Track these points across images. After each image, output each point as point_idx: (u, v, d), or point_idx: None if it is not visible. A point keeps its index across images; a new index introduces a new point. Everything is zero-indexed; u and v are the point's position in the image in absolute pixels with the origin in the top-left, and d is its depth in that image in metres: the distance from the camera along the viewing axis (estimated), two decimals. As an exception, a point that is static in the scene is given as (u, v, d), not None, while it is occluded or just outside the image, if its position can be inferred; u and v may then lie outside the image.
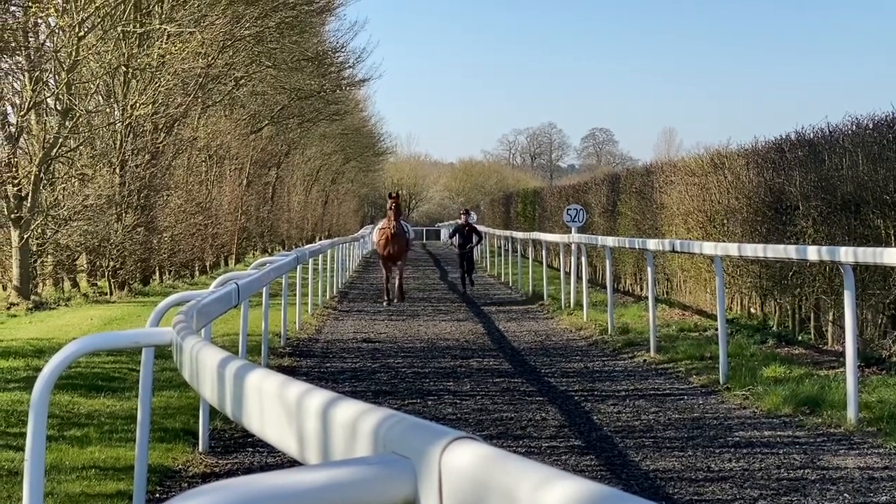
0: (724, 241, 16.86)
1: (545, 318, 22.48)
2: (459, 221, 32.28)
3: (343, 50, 53.60)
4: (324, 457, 2.01)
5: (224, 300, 7.22)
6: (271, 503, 1.61)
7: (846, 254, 10.78)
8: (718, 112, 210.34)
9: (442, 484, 1.60)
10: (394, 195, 26.77)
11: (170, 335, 4.48)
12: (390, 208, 26.30)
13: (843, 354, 11.97)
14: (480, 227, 51.83)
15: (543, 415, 11.33)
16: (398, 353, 16.65)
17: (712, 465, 8.93)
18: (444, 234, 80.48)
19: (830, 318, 16.08)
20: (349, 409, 1.96)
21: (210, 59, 33.79)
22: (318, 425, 2.05)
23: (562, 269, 26.97)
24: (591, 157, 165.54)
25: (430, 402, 11.93)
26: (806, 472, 8.65)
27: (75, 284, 30.43)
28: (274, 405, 2.36)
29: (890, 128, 15.01)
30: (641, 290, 25.90)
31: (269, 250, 50.34)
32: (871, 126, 15.57)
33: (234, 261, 44.08)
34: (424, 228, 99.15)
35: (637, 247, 18.88)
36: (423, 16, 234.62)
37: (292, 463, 7.31)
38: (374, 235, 28.25)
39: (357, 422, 1.88)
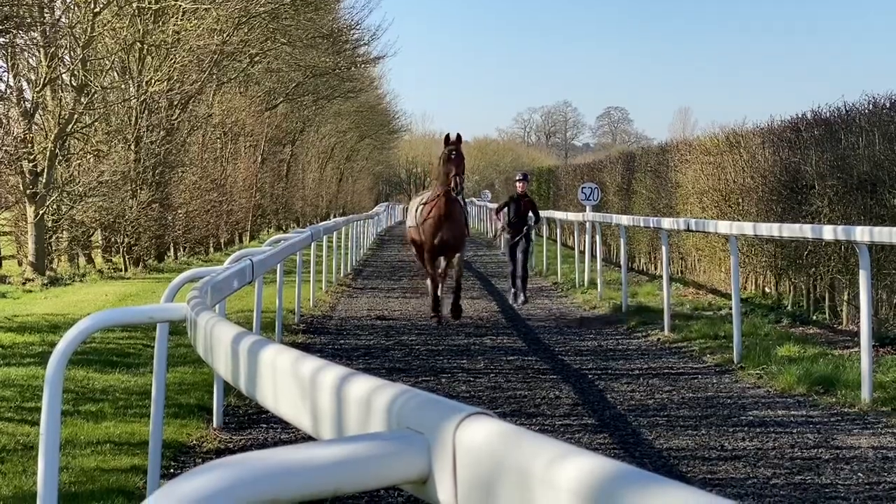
0: (739, 221, 16.81)
1: (559, 297, 22.46)
2: (517, 191, 20.85)
3: (358, 27, 53.52)
4: (338, 432, 2.01)
5: (238, 276, 7.22)
6: (289, 476, 1.61)
7: (862, 233, 10.75)
8: (734, 91, 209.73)
9: (456, 459, 1.60)
10: (453, 140, 17.18)
11: (184, 311, 4.48)
12: (447, 160, 16.76)
13: (857, 334, 11.94)
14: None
15: (557, 393, 11.33)
16: (412, 330, 16.66)
17: (726, 444, 8.92)
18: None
19: (845, 297, 16.05)
20: (363, 385, 1.96)
21: (225, 35, 33.78)
22: (332, 401, 2.05)
23: (576, 248, 26.90)
24: (607, 135, 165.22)
25: (443, 380, 11.93)
26: (819, 451, 8.63)
27: (90, 260, 30.47)
28: (288, 381, 2.36)
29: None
30: (656, 269, 25.88)
31: (284, 227, 50.37)
32: (888, 105, 15.51)
33: (248, 238, 44.09)
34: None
35: (652, 225, 18.83)
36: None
37: (305, 439, 7.32)
38: (414, 214, 17.80)
39: (371, 397, 1.88)
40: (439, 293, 17.36)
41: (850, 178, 15.52)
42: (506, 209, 20.62)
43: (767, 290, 19.74)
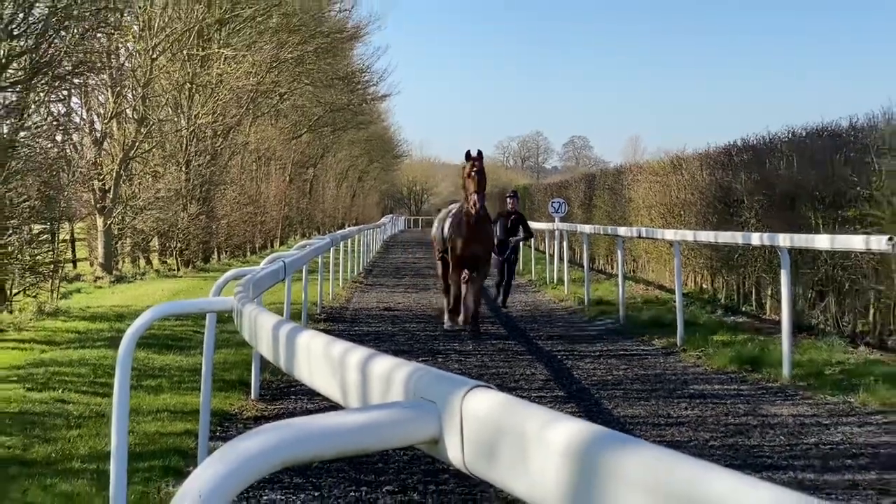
0: (681, 229, 16.83)
1: (533, 292, 22.46)
2: (508, 208, 18.66)
3: (368, 70, 53.53)
4: (363, 402, 2.01)
5: (274, 275, 7.22)
6: (325, 438, 1.62)
7: (784, 240, 10.76)
8: (678, 121, 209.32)
9: (463, 424, 1.60)
10: (474, 157, 13.70)
11: (230, 303, 4.48)
12: (469, 175, 13.57)
13: (779, 322, 11.94)
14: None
15: (532, 370, 11.32)
16: (413, 319, 16.64)
17: (671, 413, 8.91)
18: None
19: (769, 292, 16.06)
20: (384, 363, 1.96)
21: (259, 77, 33.78)
22: (358, 376, 2.05)
23: (547, 252, 26.90)
24: (571, 159, 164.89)
25: (439, 360, 11.92)
26: (749, 418, 8.63)
27: (149, 262, 30.45)
28: (320, 360, 2.36)
29: (820, 136, 14.98)
30: (612, 268, 25.85)
31: (308, 235, 50.32)
32: (804, 134, 15.54)
33: (278, 243, 44.09)
34: (434, 218, 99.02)
35: (610, 233, 18.82)
36: (436, 44, 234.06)
37: (330, 408, 7.32)
38: (442, 226, 14.77)
39: (391, 373, 1.88)
40: (460, 302, 14.23)
41: (773, 195, 15.53)
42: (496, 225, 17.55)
43: (705, 286, 19.75)
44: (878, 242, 9.16)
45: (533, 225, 28.82)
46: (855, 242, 9.92)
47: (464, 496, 6.27)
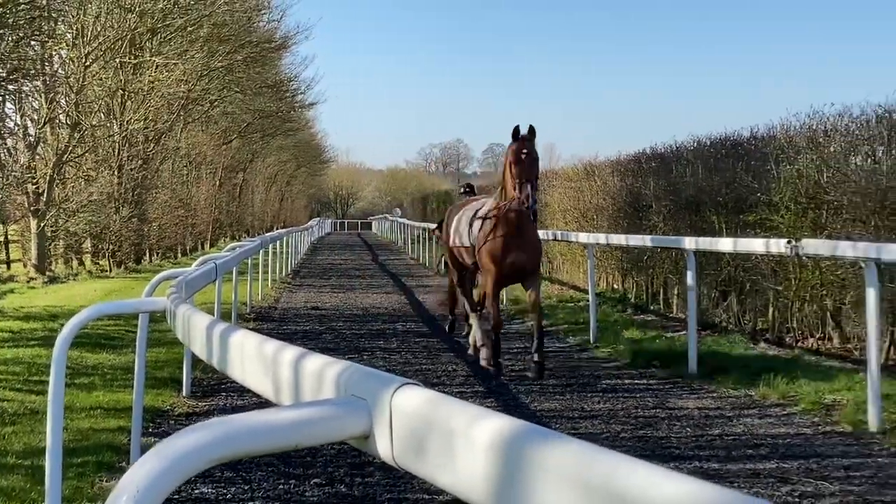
0: (594, 233, 16.98)
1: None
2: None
3: (296, 79, 53.14)
4: (295, 399, 2.00)
5: (206, 276, 7.14)
6: (259, 434, 1.60)
7: (689, 242, 10.91)
8: (590, 129, 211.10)
9: (392, 420, 1.60)
10: (524, 135, 10.11)
11: (164, 303, 4.43)
12: (517, 160, 9.94)
13: (685, 320, 12.11)
14: (409, 221, 51.34)
15: (454, 367, 11.32)
16: (340, 318, 16.56)
17: (585, 406, 8.98)
18: (375, 226, 79.37)
19: (675, 292, 16.27)
20: (316, 361, 1.95)
21: (190, 85, 33.40)
22: (291, 374, 2.03)
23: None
24: (490, 165, 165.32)
25: (365, 357, 11.88)
26: (657, 411, 8.73)
27: (81, 263, 29.94)
28: (253, 359, 2.34)
29: (723, 144, 15.21)
30: (529, 270, 25.96)
31: (237, 237, 49.87)
32: (708, 143, 15.77)
33: (209, 245, 43.62)
34: (359, 221, 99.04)
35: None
36: (361, 53, 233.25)
37: (260, 404, 7.24)
38: (465, 229, 11.23)
39: (323, 371, 1.87)
40: (487, 335, 10.83)
41: (679, 200, 15.74)
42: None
43: (616, 286, 19.94)
44: (778, 245, 9.34)
45: (454, 228, 28.83)
46: (756, 245, 10.09)
47: (389, 488, 6.26)
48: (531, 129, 10.02)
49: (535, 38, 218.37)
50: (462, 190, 15.48)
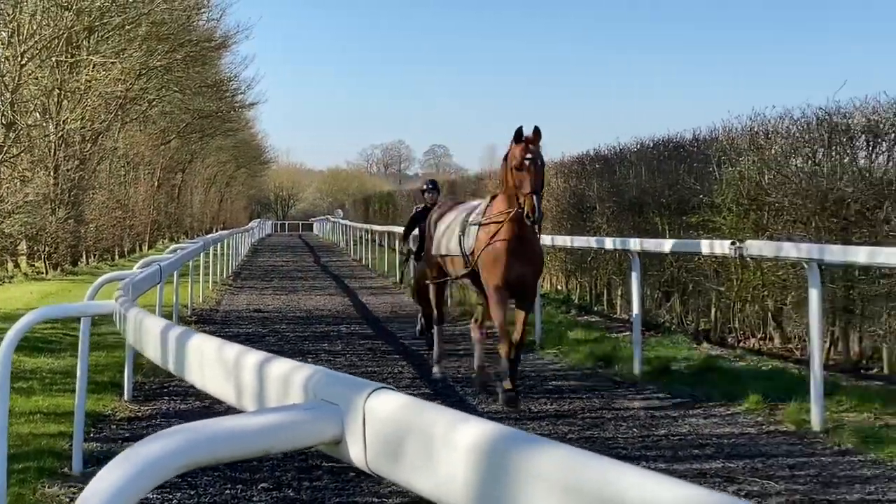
0: (539, 234, 16.99)
1: (399, 294, 22.41)
2: (427, 204, 13.47)
3: (236, 79, 52.67)
4: (260, 404, 1.97)
5: (151, 278, 7.06)
6: (226, 441, 1.57)
7: (634, 244, 11.01)
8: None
9: (366, 425, 1.58)
10: (529, 136, 8.82)
11: (111, 306, 4.36)
12: (522, 165, 8.70)
13: (629, 321, 12.20)
14: (351, 223, 51.11)
15: (400, 369, 11.31)
16: (283, 320, 16.46)
17: (532, 407, 9.00)
18: (317, 227, 79.01)
19: (619, 293, 16.39)
20: (282, 366, 1.92)
21: (128, 84, 32.99)
22: (255, 379, 2.00)
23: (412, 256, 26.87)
24: (432, 167, 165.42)
25: (309, 360, 11.76)
26: (604, 412, 8.79)
27: (17, 265, 29.43)
28: (214, 363, 2.31)
29: (666, 146, 15.35)
30: (472, 271, 25.96)
31: (176, 238, 49.39)
32: (651, 145, 15.90)
33: (147, 247, 43.15)
34: (300, 222, 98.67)
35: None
36: (301, 52, 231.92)
37: (204, 408, 7.15)
38: (455, 236, 9.92)
39: (289, 375, 1.85)
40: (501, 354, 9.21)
41: (623, 201, 15.85)
42: (416, 231, 13.36)
43: (560, 287, 20.04)
44: (722, 247, 9.44)
45: (398, 229, 28.73)
46: (701, 246, 10.19)
47: (337, 492, 6.23)
48: (536, 131, 8.83)
49: (478, 39, 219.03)
50: (425, 187, 13.95)
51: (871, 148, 11.04)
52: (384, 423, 1.52)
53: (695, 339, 13.18)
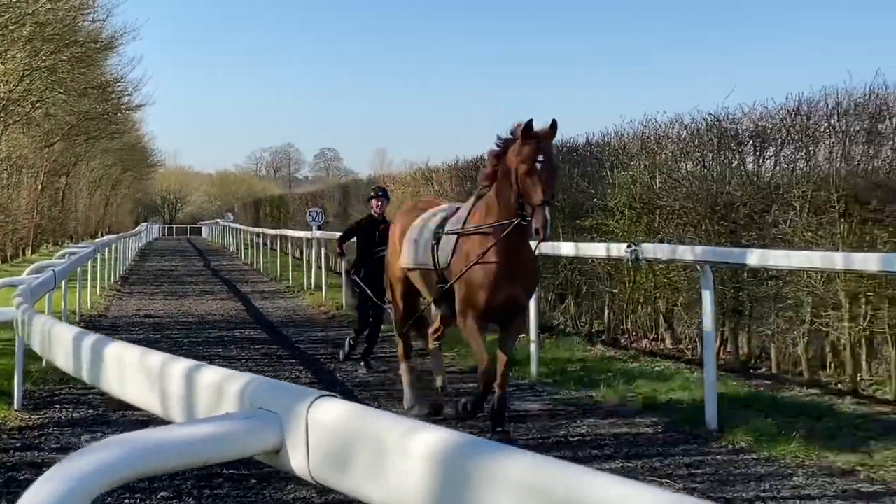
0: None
1: (292, 298, 22.24)
2: (373, 211, 12.10)
3: (123, 80, 51.60)
4: (189, 413, 1.92)
5: (47, 284, 6.87)
6: (167, 452, 1.53)
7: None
8: (422, 134, 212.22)
9: (309, 434, 1.55)
10: (542, 132, 7.38)
11: (13, 313, 4.22)
12: (531, 170, 7.15)
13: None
14: (241, 226, 50.50)
15: (297, 373, 11.20)
16: (175, 325, 16.18)
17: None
18: (206, 231, 77.93)
19: (513, 296, 16.48)
20: (213, 374, 1.88)
21: (11, 85, 32.10)
22: (184, 387, 1.95)
23: (304, 259, 26.69)
24: (322, 170, 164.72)
25: (205, 366, 11.61)
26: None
27: None
28: (136, 372, 2.24)
29: (559, 151, 15.50)
30: (366, 275, 25.87)
31: (60, 243, 48.21)
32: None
33: (31, 252, 42.03)
34: (189, 226, 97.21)
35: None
36: (188, 53, 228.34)
37: (95, 417, 6.96)
38: (432, 242, 8.14)
39: (223, 384, 1.81)
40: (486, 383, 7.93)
41: (517, 205, 15.97)
42: (354, 239, 12.09)
43: (453, 291, 20.08)
44: (619, 249, 9.58)
45: (291, 233, 28.47)
46: (598, 249, 10.33)
47: (239, 499, 6.14)
48: (553, 126, 7.39)
49: (366, 43, 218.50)
50: (373, 193, 12.23)
51: (758, 152, 11.34)
52: (330, 432, 1.50)
53: (589, 340, 13.35)
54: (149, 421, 7.83)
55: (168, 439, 1.56)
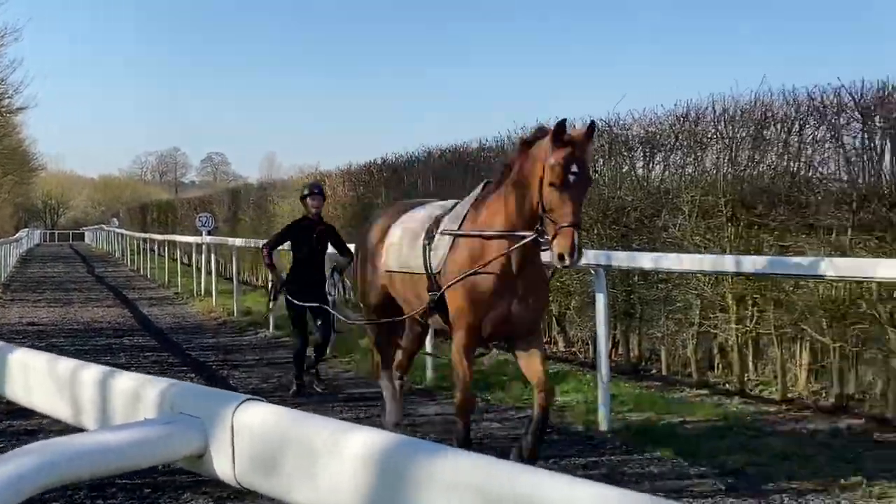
0: (326, 242, 16.96)
1: (181, 304, 21.91)
2: (310, 211, 10.97)
3: (3, 83, 50.22)
4: (104, 420, 1.89)
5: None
6: (88, 458, 1.51)
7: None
8: (313, 139, 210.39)
9: (234, 438, 1.54)
10: (576, 135, 5.75)
11: None
12: (561, 180, 5.66)
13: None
14: (127, 232, 49.42)
15: (190, 380, 11.01)
16: (60, 333, 15.81)
17: (329, 416, 8.94)
18: (89, 236, 76.20)
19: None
20: (129, 380, 1.85)
21: None
22: (97, 394, 1.92)
23: (193, 265, 26.34)
24: (209, 175, 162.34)
25: (93, 374, 11.37)
26: (405, 419, 8.81)
27: None
28: (44, 378, 2.19)
29: (452, 155, 15.63)
30: (257, 280, 25.68)
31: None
32: (438, 153, 16.16)
33: None
34: (72, 231, 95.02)
35: (259, 245, 18.67)
36: (68, 54, 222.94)
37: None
38: (423, 243, 6.88)
39: (140, 389, 1.78)
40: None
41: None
42: (287, 243, 11.05)
43: (351, 295, 20.01)
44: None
45: (180, 238, 28.03)
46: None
47: (134, 509, 6.04)
48: (591, 127, 5.92)
49: (261, 47, 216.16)
50: (307, 192, 11.05)
51: (648, 158, 11.56)
52: (257, 436, 1.49)
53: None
54: (37, 431, 7.64)
55: (90, 445, 1.54)
